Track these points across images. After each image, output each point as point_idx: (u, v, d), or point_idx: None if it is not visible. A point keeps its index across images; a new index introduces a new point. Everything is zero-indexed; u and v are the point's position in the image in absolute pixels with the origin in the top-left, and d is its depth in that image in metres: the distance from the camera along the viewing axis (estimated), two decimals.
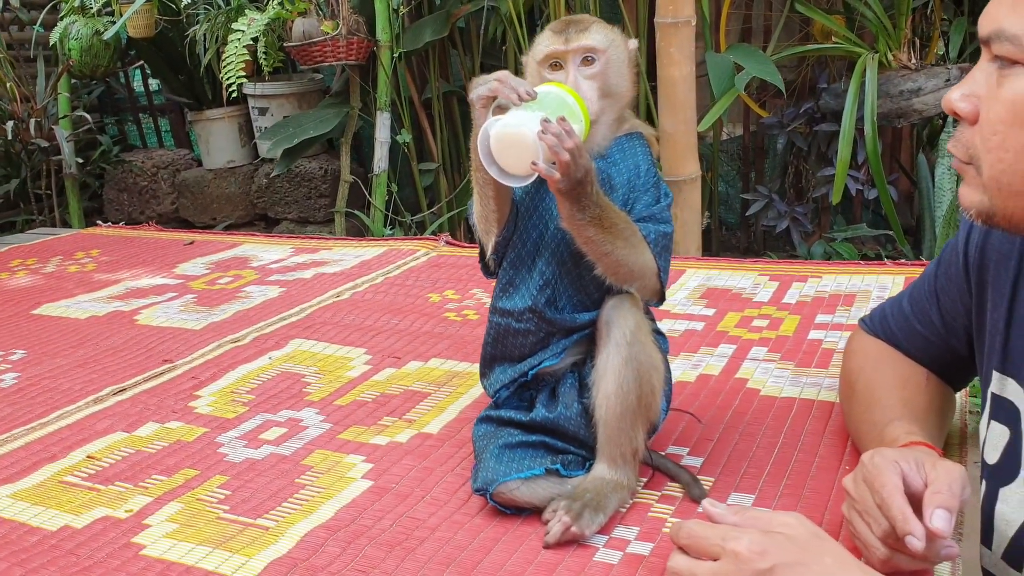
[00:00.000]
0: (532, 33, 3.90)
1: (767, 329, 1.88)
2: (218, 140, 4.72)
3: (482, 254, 1.31)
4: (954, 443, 1.37)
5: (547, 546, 1.15)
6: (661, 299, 1.30)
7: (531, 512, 1.22)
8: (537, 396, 1.30)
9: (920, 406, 1.27)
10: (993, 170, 0.92)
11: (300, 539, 1.20)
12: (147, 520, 1.27)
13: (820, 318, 1.91)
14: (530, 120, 1.10)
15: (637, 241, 1.21)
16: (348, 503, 1.29)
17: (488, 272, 1.33)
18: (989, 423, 1.14)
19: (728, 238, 4.68)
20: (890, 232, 3.71)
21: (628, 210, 1.25)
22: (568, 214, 1.15)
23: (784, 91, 3.69)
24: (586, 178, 1.11)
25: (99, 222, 3.37)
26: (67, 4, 4.01)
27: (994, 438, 1.13)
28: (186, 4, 3.71)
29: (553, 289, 1.26)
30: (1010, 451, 1.10)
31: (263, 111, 4.48)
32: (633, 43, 1.29)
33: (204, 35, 3.82)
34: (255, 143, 4.65)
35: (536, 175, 1.11)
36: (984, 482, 1.15)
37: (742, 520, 1.01)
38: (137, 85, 5.24)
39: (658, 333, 1.35)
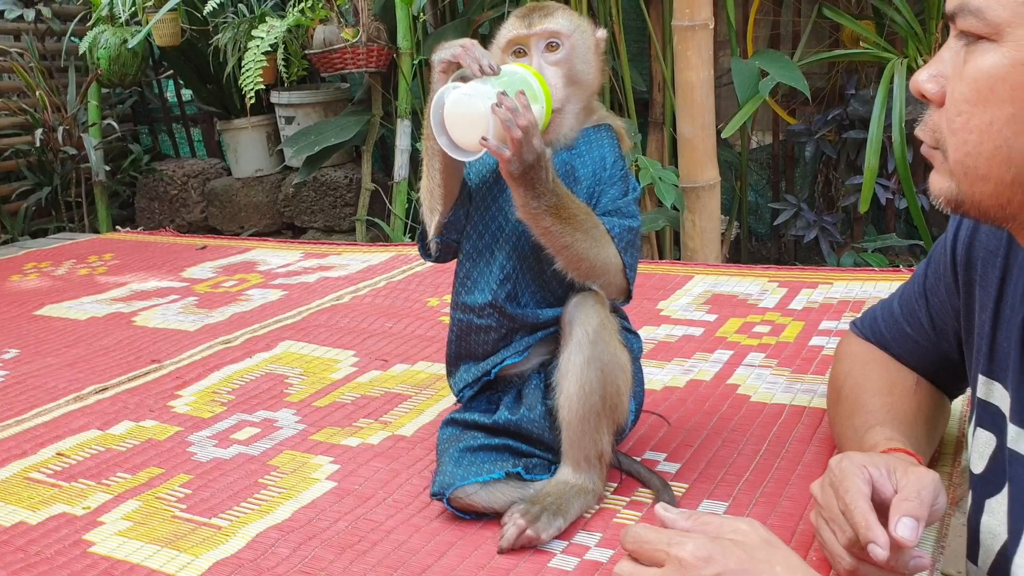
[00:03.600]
0: None
1: (768, 335, 1.81)
2: (246, 149, 4.74)
3: (423, 234, 1.27)
4: (948, 452, 1.30)
5: (501, 551, 1.11)
6: (628, 297, 1.25)
7: (492, 517, 1.17)
8: (503, 398, 1.26)
9: (906, 412, 1.20)
10: (958, 153, 0.86)
11: (251, 539, 1.17)
12: (102, 518, 1.25)
13: (825, 324, 1.85)
14: (487, 93, 1.05)
15: (599, 235, 1.16)
16: (307, 504, 1.25)
17: (426, 254, 1.28)
18: (975, 430, 1.07)
19: (758, 248, 4.59)
20: (923, 243, 3.60)
21: (593, 203, 1.20)
22: (522, 201, 1.10)
23: (810, 97, 3.61)
24: (538, 162, 1.07)
25: (118, 228, 3.39)
26: (96, 14, 4.07)
27: (980, 446, 1.06)
28: (210, 12, 3.73)
29: (514, 283, 1.21)
30: (996, 460, 1.04)
31: (290, 120, 4.49)
32: (601, 32, 1.25)
33: (227, 44, 3.85)
34: (282, 152, 4.66)
35: (484, 151, 1.06)
36: (970, 492, 1.09)
37: (693, 525, 0.95)
38: (171, 95, 5.30)
39: (629, 332, 1.30)
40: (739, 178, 4.22)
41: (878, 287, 2.05)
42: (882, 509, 0.98)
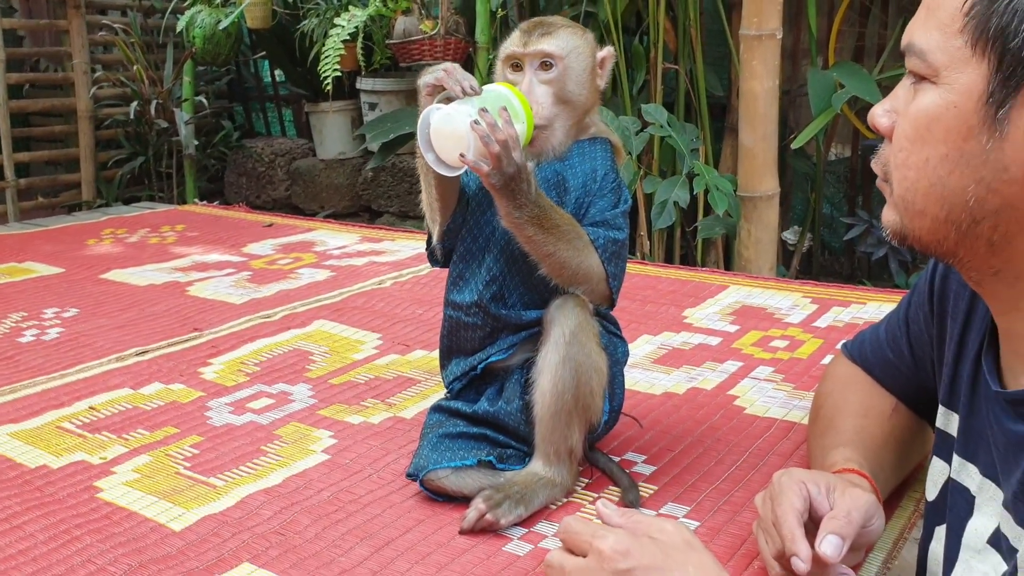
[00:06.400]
0: (630, 39, 3.89)
1: (783, 350, 1.84)
2: (331, 132, 4.90)
3: (429, 240, 1.34)
4: (923, 478, 1.31)
5: (462, 532, 1.18)
6: (611, 304, 1.30)
7: (462, 501, 1.24)
8: (487, 389, 1.33)
9: (875, 436, 1.23)
10: (899, 188, 0.89)
11: (240, 500, 1.27)
12: (115, 468, 1.37)
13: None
14: (467, 112, 1.12)
15: (582, 245, 1.22)
16: (298, 473, 1.35)
17: (434, 260, 1.36)
18: (932, 459, 1.10)
19: (831, 262, 4.54)
20: None
21: (582, 213, 1.26)
22: (505, 211, 1.17)
23: None
24: (519, 175, 1.13)
25: (196, 201, 3.57)
26: None
27: (935, 474, 1.09)
28: None
29: (500, 285, 1.28)
30: (946, 488, 1.06)
31: (373, 106, 4.62)
32: (604, 51, 1.30)
33: (314, 29, 3.99)
34: (364, 136, 4.81)
35: (467, 167, 1.13)
36: (923, 519, 1.11)
37: (624, 522, 1.01)
38: (265, 75, 5.50)
39: (616, 337, 1.35)
40: (814, 189, 4.18)
41: None
42: (818, 524, 1.02)
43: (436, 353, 1.82)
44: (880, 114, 0.92)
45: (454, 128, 1.12)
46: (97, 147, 4.58)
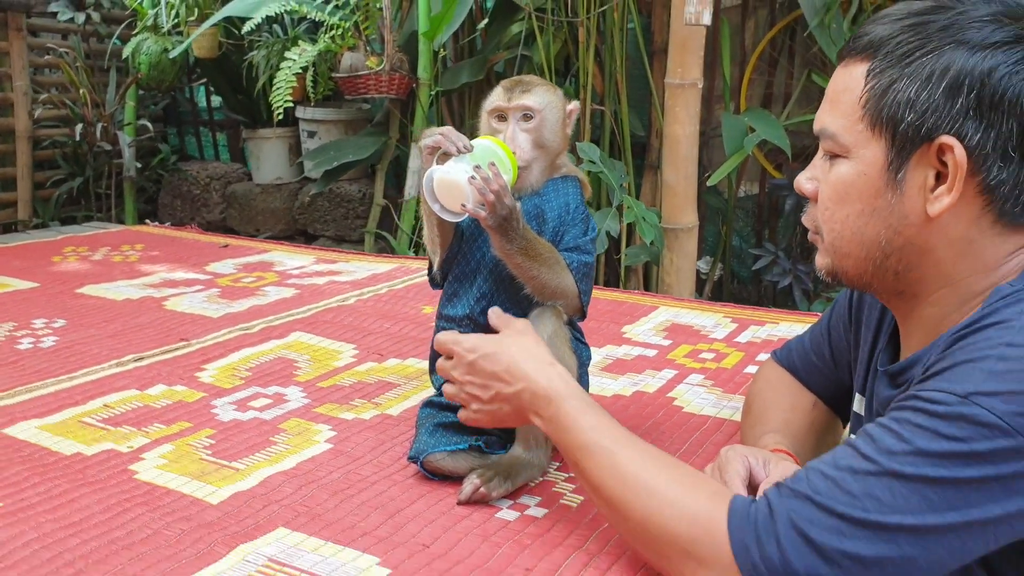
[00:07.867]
0: (560, 81, 4.19)
1: (711, 361, 2.11)
2: (269, 157, 5.05)
3: (430, 267, 1.58)
4: None
5: (459, 503, 1.40)
6: (583, 315, 1.55)
7: (455, 479, 1.46)
8: None
9: (799, 426, 1.50)
10: (829, 237, 1.17)
11: (263, 480, 1.47)
12: (143, 455, 1.55)
13: (762, 356, 2.14)
14: (464, 168, 1.36)
15: (560, 268, 1.47)
16: (308, 458, 1.55)
17: (434, 283, 1.59)
18: (849, 436, 1.37)
19: (739, 291, 4.89)
20: None
21: (558, 239, 1.51)
22: (499, 245, 1.41)
23: (791, 155, 3.91)
24: (511, 215, 1.37)
25: (147, 221, 3.70)
26: (141, 22, 4.40)
27: None
28: (248, 31, 4.06)
29: (489, 301, 1.51)
30: None
31: (312, 134, 4.80)
32: (572, 105, 1.56)
33: (261, 61, 4.18)
34: (302, 163, 4.98)
35: (467, 213, 1.37)
36: None
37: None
38: (201, 100, 5.62)
39: (581, 343, 1.60)
40: (725, 223, 4.53)
41: None
42: (756, 490, 1.28)
43: (409, 361, 2.06)
44: (804, 181, 1.21)
45: (454, 183, 1.36)
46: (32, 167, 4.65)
